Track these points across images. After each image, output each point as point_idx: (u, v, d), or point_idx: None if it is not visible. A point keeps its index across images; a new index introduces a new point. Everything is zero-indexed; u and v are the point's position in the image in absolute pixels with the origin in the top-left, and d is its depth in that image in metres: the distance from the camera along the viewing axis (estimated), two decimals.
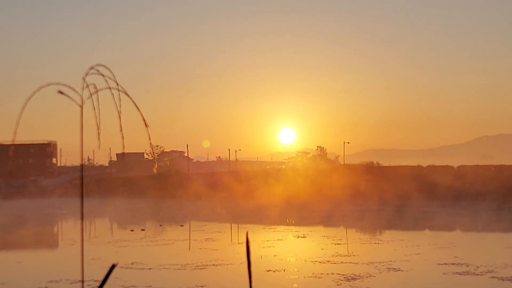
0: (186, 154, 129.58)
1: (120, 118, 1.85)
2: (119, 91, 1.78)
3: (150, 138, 1.87)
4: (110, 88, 1.80)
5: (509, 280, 20.57)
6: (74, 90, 1.87)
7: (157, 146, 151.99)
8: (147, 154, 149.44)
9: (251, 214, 57.20)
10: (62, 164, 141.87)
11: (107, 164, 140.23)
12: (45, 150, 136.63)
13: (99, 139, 1.84)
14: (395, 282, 20.77)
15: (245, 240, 1.79)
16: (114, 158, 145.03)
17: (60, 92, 1.88)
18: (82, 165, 2.03)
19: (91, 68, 1.86)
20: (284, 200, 69.25)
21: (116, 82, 1.80)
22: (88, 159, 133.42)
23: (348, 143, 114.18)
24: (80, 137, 1.82)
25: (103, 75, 1.82)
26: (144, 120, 1.84)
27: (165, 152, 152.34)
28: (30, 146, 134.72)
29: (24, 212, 66.12)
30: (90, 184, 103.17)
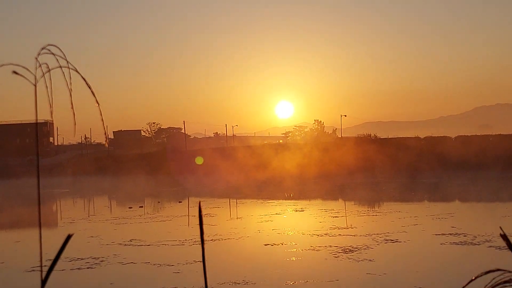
0: (183, 131, 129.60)
1: (71, 96, 1.83)
2: (69, 69, 1.76)
3: (101, 114, 1.83)
4: (61, 67, 1.77)
5: (506, 249, 20.60)
6: (28, 70, 1.82)
7: (154, 123, 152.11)
8: (144, 131, 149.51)
9: (252, 188, 57.31)
10: (60, 143, 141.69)
11: (104, 142, 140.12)
12: (42, 129, 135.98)
13: (51, 116, 1.83)
14: (392, 253, 20.83)
15: (200, 209, 1.72)
16: (111, 136, 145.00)
17: (15, 72, 1.83)
18: (37, 146, 1.99)
19: (43, 48, 1.83)
20: (289, 174, 69.45)
21: (66, 60, 1.77)
22: (85, 137, 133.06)
23: (346, 116, 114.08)
24: (35, 115, 1.79)
25: (54, 54, 1.78)
26: (95, 97, 1.82)
27: (162, 128, 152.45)
28: (27, 126, 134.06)
29: (22, 192, 66.20)
30: (90, 162, 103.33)
